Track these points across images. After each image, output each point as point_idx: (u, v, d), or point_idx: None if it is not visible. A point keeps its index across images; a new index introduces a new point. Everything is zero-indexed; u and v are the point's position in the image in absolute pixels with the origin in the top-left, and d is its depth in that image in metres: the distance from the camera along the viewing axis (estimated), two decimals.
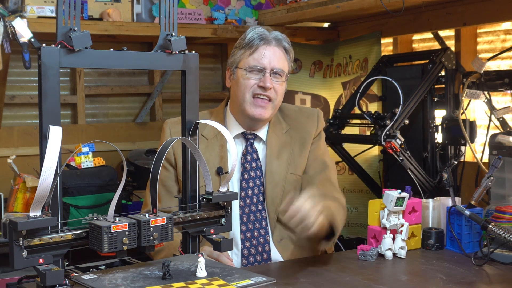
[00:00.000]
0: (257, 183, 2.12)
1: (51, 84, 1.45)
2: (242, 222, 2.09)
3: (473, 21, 2.97)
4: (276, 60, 2.09)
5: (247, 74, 2.08)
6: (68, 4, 1.47)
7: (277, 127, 2.19)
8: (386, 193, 2.00)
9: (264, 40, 2.09)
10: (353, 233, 3.42)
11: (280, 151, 2.15)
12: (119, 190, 1.51)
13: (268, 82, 2.06)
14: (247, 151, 2.14)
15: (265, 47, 2.08)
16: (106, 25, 3.20)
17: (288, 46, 2.14)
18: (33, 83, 3.78)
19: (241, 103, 2.09)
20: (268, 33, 2.11)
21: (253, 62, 2.08)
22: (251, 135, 2.16)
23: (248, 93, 2.07)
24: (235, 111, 2.15)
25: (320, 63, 3.70)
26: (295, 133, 2.19)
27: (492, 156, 2.45)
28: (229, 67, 2.16)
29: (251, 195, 2.11)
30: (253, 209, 2.10)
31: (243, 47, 2.11)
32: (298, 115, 2.24)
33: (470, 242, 2.07)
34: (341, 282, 1.75)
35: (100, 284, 1.50)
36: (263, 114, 2.08)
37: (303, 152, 2.17)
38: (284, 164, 2.14)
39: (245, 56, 2.09)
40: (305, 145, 2.18)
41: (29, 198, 3.06)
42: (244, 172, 2.12)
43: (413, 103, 2.75)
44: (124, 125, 4.04)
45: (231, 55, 2.17)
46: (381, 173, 3.20)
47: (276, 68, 2.08)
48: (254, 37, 2.09)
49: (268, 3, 3.74)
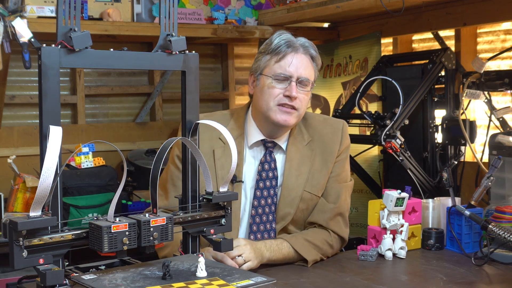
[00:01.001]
0: (271, 193, 2.06)
1: (51, 84, 1.45)
2: (251, 231, 2.05)
3: (473, 21, 2.97)
4: (303, 68, 2.02)
5: (273, 82, 2.01)
6: (68, 4, 1.47)
7: (298, 138, 2.11)
8: (386, 193, 2.00)
9: (291, 47, 2.02)
10: (353, 233, 3.41)
11: (300, 166, 2.08)
12: (119, 190, 1.51)
13: (294, 91, 1.99)
14: (265, 159, 2.07)
15: (293, 54, 2.02)
16: (106, 25, 3.20)
17: (315, 53, 2.08)
18: (33, 83, 3.79)
19: (265, 111, 2.02)
20: (295, 39, 2.06)
21: (280, 70, 2.01)
22: (271, 143, 2.09)
23: (272, 102, 2.00)
24: (257, 118, 2.08)
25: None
26: (317, 146, 2.11)
27: (492, 156, 2.45)
28: (253, 73, 2.08)
29: (264, 204, 2.06)
30: (264, 220, 2.06)
31: (269, 53, 2.04)
32: (322, 127, 2.14)
33: (470, 242, 2.07)
34: (341, 282, 1.75)
35: (100, 284, 1.50)
36: (288, 120, 2.01)
37: (323, 171, 2.08)
38: (302, 181, 2.06)
39: (271, 63, 2.02)
40: (326, 163, 2.09)
41: (29, 198, 3.06)
42: (260, 181, 2.06)
43: (413, 103, 2.75)
44: (124, 125, 4.04)
45: (255, 61, 2.09)
46: (381, 173, 3.20)
47: (302, 77, 2.01)
48: (281, 44, 2.02)
49: (268, 3, 3.74)
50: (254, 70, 2.08)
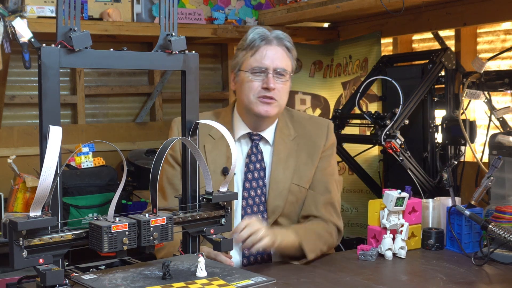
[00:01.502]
0: (260, 184, 2.11)
1: (51, 84, 1.45)
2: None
3: (473, 21, 2.97)
4: (279, 60, 2.07)
5: (250, 76, 2.06)
6: (68, 4, 1.47)
7: (284, 132, 2.16)
8: (386, 193, 2.00)
9: (265, 40, 2.08)
10: (353, 233, 3.42)
11: (286, 159, 2.13)
12: (119, 190, 1.51)
13: (272, 82, 2.04)
14: (252, 151, 2.13)
15: (267, 47, 2.07)
16: (106, 25, 3.20)
17: (290, 44, 2.13)
18: (33, 83, 3.78)
19: (247, 104, 2.08)
20: (269, 32, 2.10)
21: (255, 63, 2.06)
22: (257, 136, 2.14)
23: (252, 96, 2.06)
24: (242, 112, 2.14)
25: (320, 63, 3.70)
26: (303, 142, 2.16)
27: (492, 156, 2.45)
28: (233, 69, 2.15)
29: (254, 195, 2.10)
30: (255, 210, 2.10)
31: (244, 49, 2.10)
32: (307, 124, 2.20)
33: (470, 242, 2.07)
34: (341, 282, 1.75)
35: (100, 284, 1.50)
36: (269, 111, 2.07)
37: (309, 164, 2.14)
38: (289, 174, 2.11)
39: (247, 57, 2.08)
40: (312, 157, 2.14)
41: (29, 198, 3.06)
42: (248, 173, 2.11)
43: (413, 103, 2.75)
44: (124, 125, 4.04)
45: (233, 58, 2.16)
46: (381, 173, 3.20)
47: (278, 68, 2.06)
48: (255, 38, 2.08)
49: (268, 3, 3.74)
50: (233, 66, 2.15)
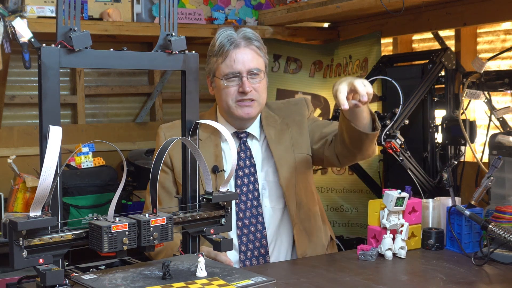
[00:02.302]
0: (251, 180, 2.15)
1: (51, 84, 1.45)
2: (238, 218, 2.12)
3: (473, 21, 2.97)
4: (249, 61, 2.08)
5: (225, 82, 2.09)
6: (68, 4, 1.47)
7: (270, 119, 2.22)
8: (386, 193, 2.00)
9: (233, 43, 2.08)
10: (353, 233, 3.42)
11: (280, 137, 2.19)
12: (119, 190, 1.51)
13: (247, 86, 2.07)
14: (240, 149, 2.17)
15: (236, 50, 2.07)
16: (106, 25, 3.20)
17: (259, 43, 2.13)
18: (33, 83, 3.78)
19: (227, 110, 2.12)
20: (235, 34, 2.10)
21: (227, 70, 2.07)
22: (243, 133, 2.18)
23: (231, 101, 2.09)
24: (224, 115, 2.18)
25: (320, 63, 3.70)
26: (289, 120, 2.23)
27: (492, 156, 2.45)
28: (208, 75, 2.18)
29: (246, 191, 2.13)
30: (249, 206, 2.13)
31: (215, 55, 2.11)
32: (286, 106, 2.28)
33: (470, 242, 2.07)
34: (341, 282, 1.75)
35: (100, 284, 1.50)
36: (250, 112, 2.11)
37: (302, 133, 2.21)
38: (289, 147, 2.18)
39: (218, 64, 2.10)
40: (302, 125, 2.23)
41: (29, 198, 3.06)
42: (239, 170, 2.15)
43: (413, 103, 2.75)
44: (124, 125, 4.04)
45: (206, 63, 2.17)
46: (381, 173, 3.20)
47: (252, 69, 2.08)
48: (223, 43, 2.08)
49: (268, 3, 3.74)
50: (208, 73, 2.17)
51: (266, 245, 2.13)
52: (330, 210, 3.46)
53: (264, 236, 2.14)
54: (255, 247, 2.12)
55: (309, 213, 2.18)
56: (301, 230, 2.16)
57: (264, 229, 2.14)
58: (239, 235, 2.11)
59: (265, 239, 2.14)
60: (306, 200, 2.18)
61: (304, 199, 2.17)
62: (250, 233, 2.12)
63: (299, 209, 2.16)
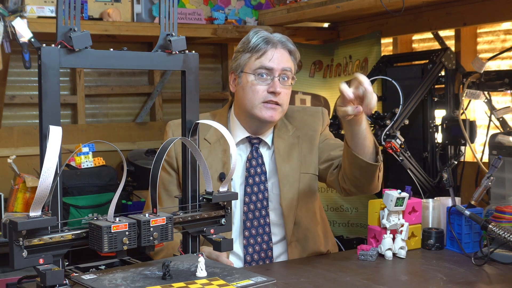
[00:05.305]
0: (261, 188, 2.10)
1: (51, 84, 1.45)
2: (245, 227, 2.08)
3: (473, 21, 2.97)
4: (284, 61, 2.08)
5: (256, 79, 2.05)
6: (68, 4, 1.47)
7: (282, 130, 2.17)
8: (386, 193, 2.00)
9: (270, 43, 2.07)
10: (353, 233, 3.42)
11: (289, 153, 2.14)
12: (119, 190, 1.51)
13: (278, 86, 2.04)
14: (252, 156, 2.12)
15: (273, 50, 2.07)
16: (106, 25, 3.19)
17: (293, 47, 2.13)
18: (33, 83, 3.78)
19: (250, 109, 2.07)
20: (272, 35, 2.10)
21: (261, 65, 2.05)
22: (256, 139, 2.13)
23: (257, 100, 2.05)
24: (241, 116, 2.13)
25: (320, 63, 3.70)
26: (302, 133, 2.18)
27: (492, 156, 2.45)
28: (233, 71, 2.13)
29: (255, 200, 2.09)
30: (257, 215, 2.09)
31: (248, 51, 2.08)
32: (302, 115, 2.22)
33: (470, 242, 2.07)
34: (341, 282, 1.75)
35: (100, 284, 1.50)
36: (274, 116, 2.06)
37: (312, 150, 2.16)
38: (296, 165, 2.13)
39: (252, 60, 2.07)
40: (313, 142, 2.17)
41: (29, 198, 3.06)
42: (249, 177, 2.10)
43: (413, 103, 2.75)
44: (124, 125, 4.04)
45: (233, 60, 2.13)
46: None
47: (285, 67, 2.07)
48: (259, 41, 2.07)
49: (268, 3, 3.74)
50: (234, 68, 2.12)
51: (271, 256, 2.09)
52: (330, 210, 3.46)
53: (270, 248, 2.09)
54: (260, 258, 2.08)
55: (306, 233, 2.12)
56: (296, 247, 2.10)
57: (270, 240, 2.09)
58: (245, 245, 2.07)
59: (270, 250, 2.09)
60: (306, 220, 2.12)
61: (304, 219, 2.12)
62: (257, 244, 2.08)
63: (297, 229, 2.10)
